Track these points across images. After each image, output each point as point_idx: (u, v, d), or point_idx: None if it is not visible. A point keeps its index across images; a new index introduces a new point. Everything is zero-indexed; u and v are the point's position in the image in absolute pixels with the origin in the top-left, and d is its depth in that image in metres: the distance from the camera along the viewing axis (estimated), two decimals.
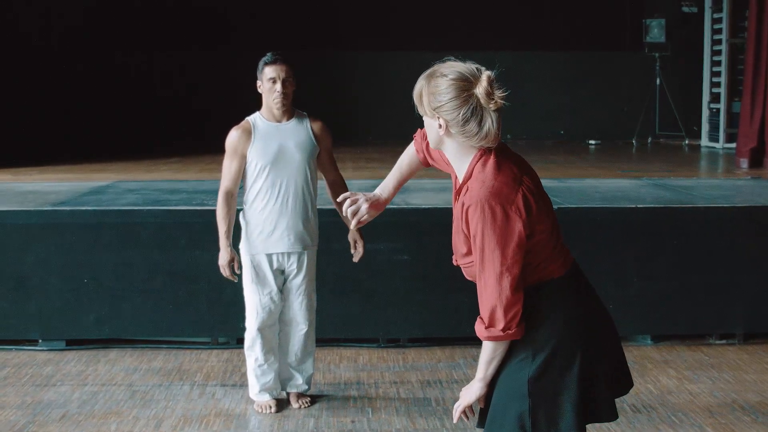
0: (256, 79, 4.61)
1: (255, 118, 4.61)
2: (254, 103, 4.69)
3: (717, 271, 5.96)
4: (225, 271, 4.57)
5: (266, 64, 4.54)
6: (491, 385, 2.73)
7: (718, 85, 11.58)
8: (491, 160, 2.59)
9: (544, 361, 2.64)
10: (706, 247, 5.96)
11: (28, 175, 8.42)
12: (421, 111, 2.66)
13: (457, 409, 2.77)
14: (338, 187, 4.75)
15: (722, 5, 11.42)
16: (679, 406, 4.85)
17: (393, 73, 13.40)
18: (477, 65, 2.57)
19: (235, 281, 4.65)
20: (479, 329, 2.63)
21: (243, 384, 5.09)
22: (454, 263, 2.79)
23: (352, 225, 2.99)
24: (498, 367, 2.71)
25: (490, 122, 2.52)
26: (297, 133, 4.60)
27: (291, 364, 4.80)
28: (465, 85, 2.52)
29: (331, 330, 5.77)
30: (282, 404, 4.80)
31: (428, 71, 2.62)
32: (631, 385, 2.86)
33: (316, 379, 5.19)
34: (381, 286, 5.87)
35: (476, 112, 2.52)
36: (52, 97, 11.73)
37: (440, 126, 2.59)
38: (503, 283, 2.55)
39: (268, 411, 4.72)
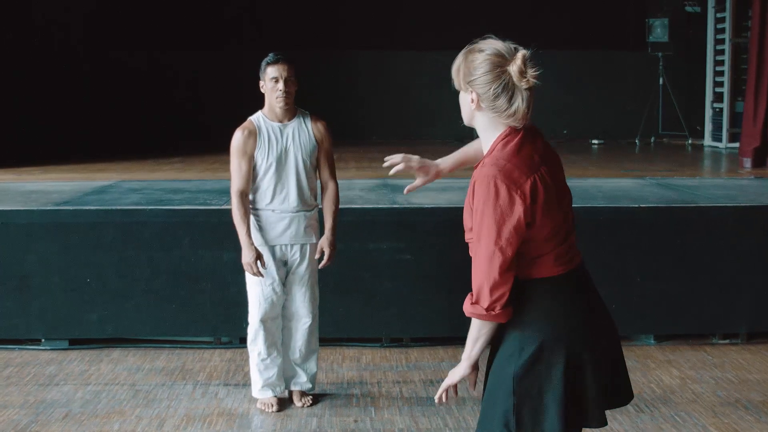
0: (259, 78, 4.62)
1: (258, 119, 4.63)
2: (257, 102, 4.70)
3: (720, 271, 5.95)
4: (252, 269, 4.55)
5: (269, 64, 4.56)
6: (487, 375, 2.73)
7: (721, 84, 11.56)
8: (515, 141, 2.60)
9: (530, 358, 2.62)
10: (709, 247, 5.95)
11: (31, 174, 8.42)
12: (456, 85, 2.67)
13: (441, 387, 2.75)
14: (330, 191, 4.77)
15: (725, 5, 11.39)
16: (682, 406, 4.85)
17: (396, 73, 13.44)
18: (515, 45, 2.59)
19: (263, 277, 4.63)
20: (466, 304, 2.64)
21: (246, 383, 5.09)
22: (466, 240, 2.78)
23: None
24: (490, 357, 2.72)
25: (520, 100, 2.55)
26: (299, 133, 4.64)
27: (295, 362, 4.80)
28: (499, 61, 2.55)
29: (334, 329, 5.77)
30: (284, 403, 4.81)
31: (467, 47, 2.64)
32: (630, 397, 2.81)
33: (319, 379, 5.19)
34: (384, 285, 5.87)
35: (507, 88, 2.55)
36: (54, 96, 11.73)
37: (472, 100, 2.61)
38: (494, 262, 2.54)
39: (270, 409, 4.73)
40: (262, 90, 4.63)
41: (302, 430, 4.52)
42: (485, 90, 2.57)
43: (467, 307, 2.63)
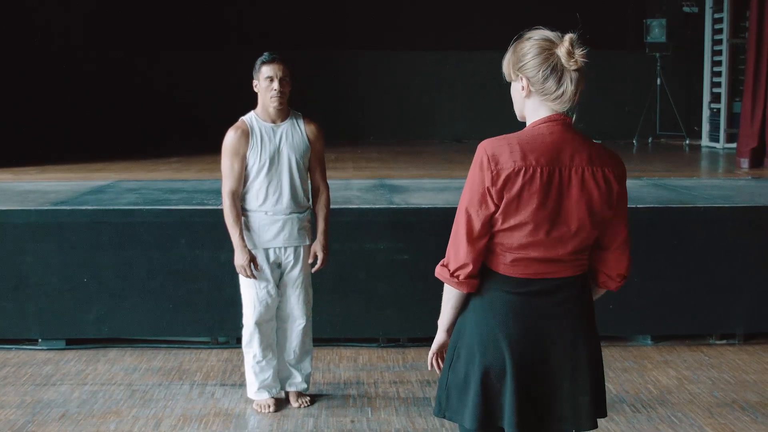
0: (254, 78, 4.61)
1: (251, 119, 4.62)
2: (255, 103, 4.69)
3: (717, 271, 5.96)
4: (245, 272, 4.55)
5: (263, 63, 4.56)
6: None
7: (718, 85, 11.57)
8: (545, 129, 2.57)
9: (464, 345, 2.67)
10: (706, 247, 5.96)
11: (28, 174, 8.42)
12: (507, 77, 2.68)
13: (429, 357, 2.82)
14: (322, 194, 4.78)
15: (723, 5, 11.40)
16: (678, 406, 4.85)
17: (394, 73, 13.43)
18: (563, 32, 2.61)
19: (256, 279, 4.62)
20: (438, 266, 2.68)
21: (242, 384, 5.09)
22: None
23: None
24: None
25: (568, 81, 2.55)
26: (292, 134, 4.63)
27: (290, 363, 4.80)
28: (547, 45, 2.57)
29: (330, 330, 5.77)
30: (281, 404, 4.81)
31: (515, 39, 2.66)
32: (589, 426, 2.69)
33: (316, 379, 5.19)
34: (381, 285, 5.87)
35: (556, 70, 2.55)
36: (53, 96, 11.73)
37: (523, 88, 2.61)
38: (463, 228, 2.57)
39: (266, 410, 4.73)
40: (256, 89, 4.61)
41: (299, 431, 4.52)
42: (534, 73, 2.57)
43: (437, 269, 2.67)
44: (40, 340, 5.88)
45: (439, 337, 2.77)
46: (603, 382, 2.76)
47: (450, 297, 2.70)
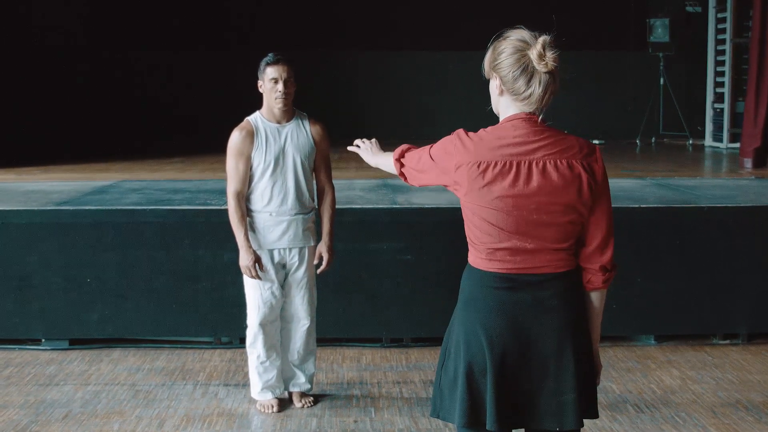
0: (258, 78, 4.62)
1: (256, 119, 4.61)
2: (256, 103, 4.69)
3: (720, 271, 5.95)
4: (250, 272, 4.54)
5: (268, 64, 4.55)
6: None
7: (721, 84, 11.56)
8: (512, 124, 2.63)
9: (452, 343, 2.73)
10: (709, 247, 5.95)
11: (31, 174, 8.42)
12: (485, 74, 2.73)
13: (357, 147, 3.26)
14: (327, 195, 4.77)
15: (726, 5, 11.39)
16: (682, 406, 4.84)
17: (396, 72, 13.43)
18: (540, 34, 2.64)
19: (261, 280, 4.63)
20: (395, 157, 2.96)
21: (246, 384, 5.09)
22: None
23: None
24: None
25: (537, 83, 2.60)
26: (297, 135, 4.62)
27: (293, 363, 4.80)
28: (521, 46, 2.61)
29: (333, 330, 5.77)
30: (284, 404, 4.81)
31: (496, 37, 2.70)
32: (575, 425, 2.64)
33: (319, 379, 5.19)
34: (384, 285, 5.87)
35: (527, 71, 2.60)
36: (55, 96, 11.75)
37: (497, 86, 2.66)
38: (421, 156, 2.83)
39: (270, 411, 4.73)
40: (261, 90, 4.61)
41: (302, 431, 4.52)
42: (506, 73, 2.61)
43: (394, 157, 2.94)
44: (43, 340, 5.88)
45: (368, 150, 3.29)
46: (593, 381, 2.72)
47: (388, 164, 3.03)
